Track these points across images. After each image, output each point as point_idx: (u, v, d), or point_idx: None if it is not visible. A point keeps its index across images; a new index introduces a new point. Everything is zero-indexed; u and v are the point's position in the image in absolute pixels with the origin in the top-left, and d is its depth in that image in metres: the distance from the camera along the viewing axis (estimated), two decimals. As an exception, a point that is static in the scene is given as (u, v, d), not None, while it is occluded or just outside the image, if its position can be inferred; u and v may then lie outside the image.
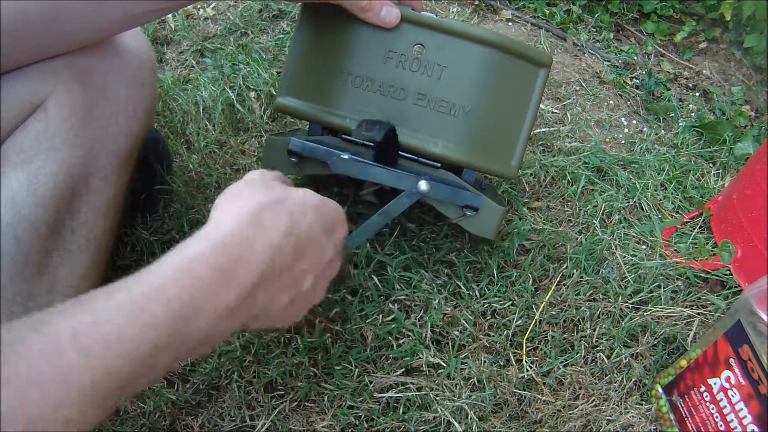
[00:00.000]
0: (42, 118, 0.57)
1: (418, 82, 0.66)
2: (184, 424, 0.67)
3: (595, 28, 1.39)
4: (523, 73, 0.68)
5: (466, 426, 0.67)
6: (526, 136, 0.70)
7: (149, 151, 0.83)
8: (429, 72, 0.66)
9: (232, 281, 0.43)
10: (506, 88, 0.68)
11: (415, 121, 0.67)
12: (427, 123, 0.67)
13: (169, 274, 0.40)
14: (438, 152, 0.66)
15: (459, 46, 0.65)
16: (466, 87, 0.66)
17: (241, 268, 0.43)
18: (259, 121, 0.99)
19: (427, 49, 0.65)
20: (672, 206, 0.96)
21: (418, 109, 0.67)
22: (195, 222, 0.83)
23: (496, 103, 0.67)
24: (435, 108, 0.66)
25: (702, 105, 1.26)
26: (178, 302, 0.39)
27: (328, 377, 0.69)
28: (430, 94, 0.66)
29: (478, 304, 0.77)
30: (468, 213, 0.69)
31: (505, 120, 0.69)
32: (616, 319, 0.77)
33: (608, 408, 0.70)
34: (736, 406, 0.60)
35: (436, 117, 0.66)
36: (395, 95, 0.67)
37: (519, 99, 0.69)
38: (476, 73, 0.66)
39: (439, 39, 0.65)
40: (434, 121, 0.67)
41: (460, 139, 0.67)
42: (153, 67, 0.68)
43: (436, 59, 0.65)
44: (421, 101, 0.66)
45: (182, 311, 0.39)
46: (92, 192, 0.61)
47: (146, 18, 0.57)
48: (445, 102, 0.66)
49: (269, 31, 1.21)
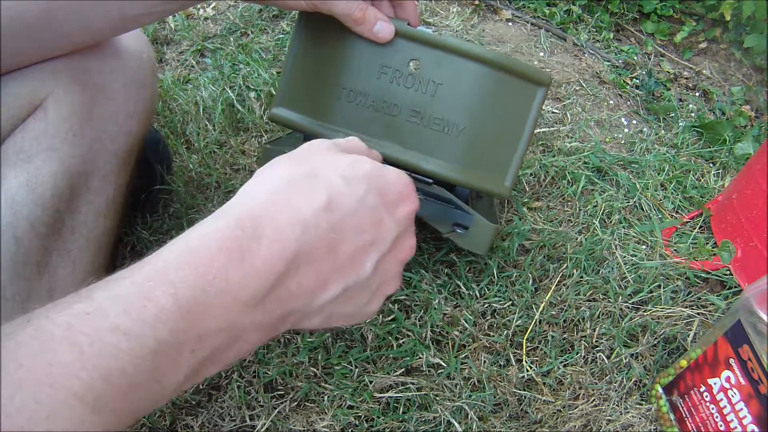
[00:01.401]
0: (41, 118, 0.57)
1: (412, 99, 0.65)
2: (184, 424, 0.67)
3: (595, 28, 1.39)
4: (521, 92, 0.66)
5: (466, 426, 0.67)
6: (521, 156, 0.68)
7: (149, 151, 0.83)
8: (423, 89, 0.64)
9: (253, 262, 0.35)
10: (502, 107, 0.66)
11: (407, 138, 0.66)
12: (420, 140, 0.66)
13: (174, 255, 0.34)
14: (430, 169, 0.65)
15: (455, 64, 0.64)
16: (460, 105, 0.65)
17: (263, 248, 0.36)
18: (259, 121, 0.99)
19: (423, 66, 0.64)
20: (672, 206, 0.96)
21: (412, 126, 0.65)
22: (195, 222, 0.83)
23: (491, 122, 0.66)
24: (428, 125, 0.65)
25: (702, 105, 1.26)
26: (185, 287, 0.33)
27: (328, 377, 0.69)
28: (424, 111, 0.65)
29: (478, 304, 0.77)
30: (458, 230, 0.68)
31: (500, 139, 0.68)
32: (616, 319, 0.77)
33: (608, 408, 0.70)
34: (736, 406, 0.60)
35: (429, 134, 0.65)
36: (388, 111, 0.66)
37: (515, 118, 0.67)
38: (472, 92, 0.65)
39: (434, 55, 0.64)
40: (427, 139, 0.65)
41: (453, 158, 0.66)
42: (153, 67, 0.68)
43: (431, 76, 0.64)
44: (415, 118, 0.65)
45: (192, 298, 0.32)
46: (92, 192, 0.61)
47: (145, 19, 0.57)
48: (438, 120, 0.65)
49: (269, 31, 1.21)
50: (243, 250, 0.35)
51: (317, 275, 0.38)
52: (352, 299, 0.41)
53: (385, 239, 0.42)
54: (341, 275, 0.40)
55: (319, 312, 0.40)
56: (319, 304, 0.39)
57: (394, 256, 0.44)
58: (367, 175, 0.42)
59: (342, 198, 0.40)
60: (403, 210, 0.44)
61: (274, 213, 0.37)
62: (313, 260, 0.38)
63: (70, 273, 0.61)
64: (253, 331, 0.36)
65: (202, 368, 0.34)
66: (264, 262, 0.35)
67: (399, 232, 0.44)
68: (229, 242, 0.35)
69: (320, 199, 0.39)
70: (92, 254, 0.63)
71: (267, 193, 0.38)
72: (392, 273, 0.44)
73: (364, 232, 0.41)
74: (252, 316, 0.35)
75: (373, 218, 0.41)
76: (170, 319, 0.32)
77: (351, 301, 0.41)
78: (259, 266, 0.35)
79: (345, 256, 0.40)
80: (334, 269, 0.39)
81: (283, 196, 0.38)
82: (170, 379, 0.32)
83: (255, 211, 0.37)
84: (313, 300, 0.39)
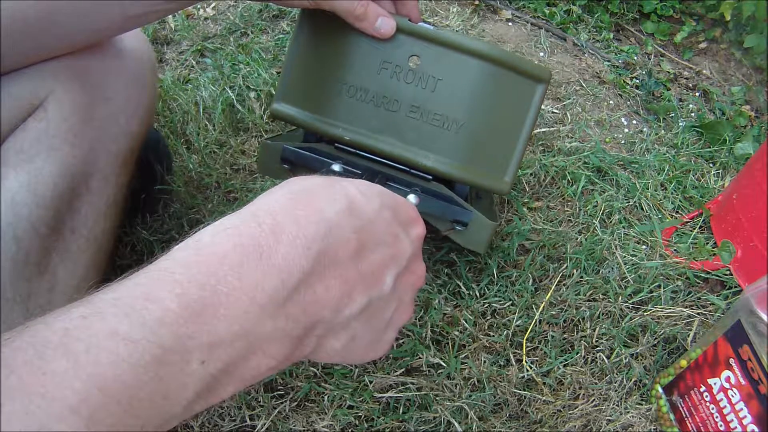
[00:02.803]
0: (42, 118, 0.57)
1: (412, 94, 0.65)
2: (184, 423, 0.67)
3: (595, 28, 1.39)
4: (520, 88, 0.66)
5: (466, 426, 0.67)
6: (520, 152, 0.68)
7: (149, 151, 0.83)
8: (423, 84, 0.65)
9: (272, 259, 0.31)
10: (502, 103, 0.66)
11: (407, 134, 0.66)
12: (420, 136, 0.66)
13: (183, 254, 0.31)
14: (429, 165, 0.66)
15: (455, 59, 0.64)
16: (460, 101, 0.65)
17: (284, 244, 0.32)
18: (259, 121, 0.99)
19: (423, 61, 0.64)
20: (672, 206, 0.96)
21: (411, 122, 0.66)
22: (195, 222, 0.84)
23: (490, 118, 0.66)
24: (428, 121, 0.65)
25: (702, 105, 1.26)
26: (193, 286, 0.29)
27: (328, 377, 0.69)
28: (424, 106, 0.65)
29: (478, 304, 0.77)
30: (457, 228, 0.68)
31: (499, 135, 0.68)
32: (616, 319, 0.77)
33: (608, 408, 0.70)
34: (736, 406, 0.60)
35: (428, 130, 0.66)
36: (388, 106, 0.66)
37: (515, 114, 0.67)
38: (471, 88, 0.65)
39: (435, 51, 0.64)
40: (427, 134, 0.66)
41: (452, 154, 0.66)
42: (153, 67, 0.68)
43: (431, 71, 0.64)
44: (415, 113, 0.65)
45: (200, 299, 0.29)
46: (92, 192, 0.61)
47: (145, 19, 0.57)
48: (438, 115, 0.65)
49: (269, 31, 1.21)
50: (261, 247, 0.31)
51: (342, 282, 0.35)
52: (375, 318, 0.39)
53: (402, 256, 0.40)
54: (365, 287, 0.37)
55: (345, 327, 0.36)
56: (346, 317, 0.36)
57: (409, 278, 0.42)
58: (380, 193, 0.41)
59: (361, 206, 0.37)
60: (415, 231, 0.43)
61: (295, 211, 0.34)
62: (339, 264, 0.34)
63: (70, 273, 0.61)
64: (274, 343, 0.32)
65: (216, 384, 0.30)
66: (286, 259, 0.32)
67: (413, 252, 0.42)
68: (245, 239, 0.31)
69: (341, 202, 0.36)
70: (92, 254, 0.63)
71: (285, 194, 0.35)
72: (407, 298, 0.42)
73: (383, 244, 0.38)
74: (273, 323, 0.31)
75: (390, 232, 0.39)
76: (175, 323, 0.28)
77: (373, 320, 0.39)
78: (280, 263, 0.31)
79: (368, 267, 0.37)
80: (359, 279, 0.36)
81: (304, 197, 0.35)
82: (178, 395, 0.28)
83: (274, 207, 0.33)
84: (340, 310, 0.35)
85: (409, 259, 0.41)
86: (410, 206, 0.44)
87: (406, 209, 0.43)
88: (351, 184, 0.39)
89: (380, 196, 0.40)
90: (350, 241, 0.35)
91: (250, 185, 0.89)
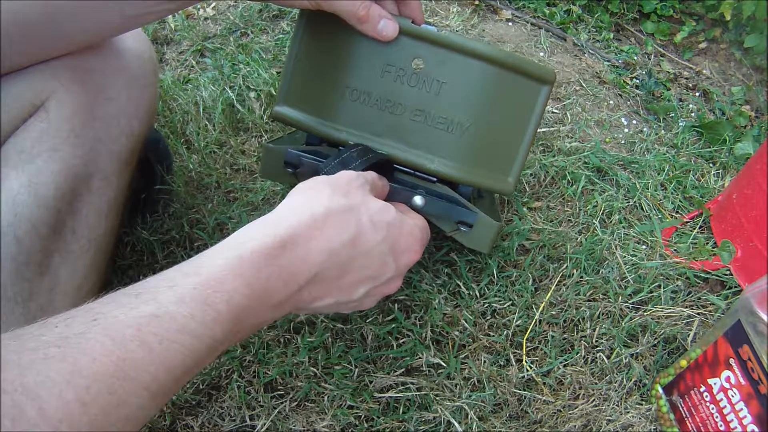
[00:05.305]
0: (43, 118, 0.57)
1: (416, 98, 0.65)
2: (184, 424, 0.67)
3: (595, 28, 1.39)
4: (525, 90, 0.66)
5: (466, 426, 0.67)
6: (524, 153, 0.68)
7: (149, 151, 0.83)
8: (427, 88, 0.64)
9: (288, 278, 0.44)
10: (506, 106, 0.66)
11: (411, 137, 0.66)
12: (424, 139, 0.65)
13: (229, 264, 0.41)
14: (434, 168, 0.66)
15: (459, 62, 0.63)
16: (464, 104, 0.65)
17: (297, 268, 0.45)
18: (259, 121, 0.99)
19: (426, 64, 0.64)
20: (672, 206, 0.96)
21: (415, 125, 0.65)
22: (195, 222, 0.84)
23: (495, 120, 0.66)
24: (432, 124, 0.65)
25: (702, 105, 1.26)
26: (238, 296, 0.40)
27: (328, 377, 0.70)
28: (428, 110, 0.65)
29: (478, 304, 0.77)
30: (462, 228, 0.68)
31: (503, 137, 0.67)
32: (616, 319, 0.77)
33: (608, 408, 0.70)
34: (736, 406, 0.60)
35: (433, 133, 0.65)
36: (392, 110, 0.65)
37: (519, 116, 0.67)
38: (476, 90, 0.64)
39: (438, 54, 0.63)
40: (431, 138, 0.65)
41: (457, 156, 0.66)
42: (154, 67, 0.68)
43: (435, 75, 0.64)
44: (419, 117, 0.65)
45: (241, 305, 0.40)
46: (93, 192, 0.61)
47: (145, 19, 0.57)
48: (442, 119, 0.65)
49: (269, 31, 1.21)
50: (282, 267, 0.44)
51: (322, 290, 0.49)
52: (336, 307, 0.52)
53: (382, 276, 0.52)
54: (339, 293, 0.50)
55: (311, 311, 0.52)
56: (314, 308, 0.50)
57: (381, 289, 0.54)
58: (389, 225, 0.52)
59: (365, 237, 0.49)
60: (406, 258, 0.54)
61: (310, 239, 0.46)
62: (325, 280, 0.48)
63: (71, 273, 0.61)
64: (264, 324, 0.45)
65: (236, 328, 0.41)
66: (296, 279, 0.45)
67: (395, 274, 0.53)
68: (273, 259, 0.43)
69: (350, 233, 0.48)
70: (93, 255, 0.63)
71: (310, 217, 0.47)
72: (372, 300, 0.55)
73: (368, 269, 0.51)
74: (272, 315, 0.44)
75: (381, 261, 0.51)
76: (225, 322, 0.39)
77: (334, 308, 0.52)
78: (288, 279, 0.44)
79: (347, 283, 0.50)
80: (335, 288, 0.49)
81: (321, 223, 0.47)
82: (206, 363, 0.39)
83: (297, 231, 0.46)
84: (312, 305, 0.49)
85: (389, 278, 0.53)
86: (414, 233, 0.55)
87: (407, 239, 0.54)
88: (367, 212, 0.50)
89: (388, 227, 0.52)
90: (342, 266, 0.48)
91: (250, 185, 0.89)
